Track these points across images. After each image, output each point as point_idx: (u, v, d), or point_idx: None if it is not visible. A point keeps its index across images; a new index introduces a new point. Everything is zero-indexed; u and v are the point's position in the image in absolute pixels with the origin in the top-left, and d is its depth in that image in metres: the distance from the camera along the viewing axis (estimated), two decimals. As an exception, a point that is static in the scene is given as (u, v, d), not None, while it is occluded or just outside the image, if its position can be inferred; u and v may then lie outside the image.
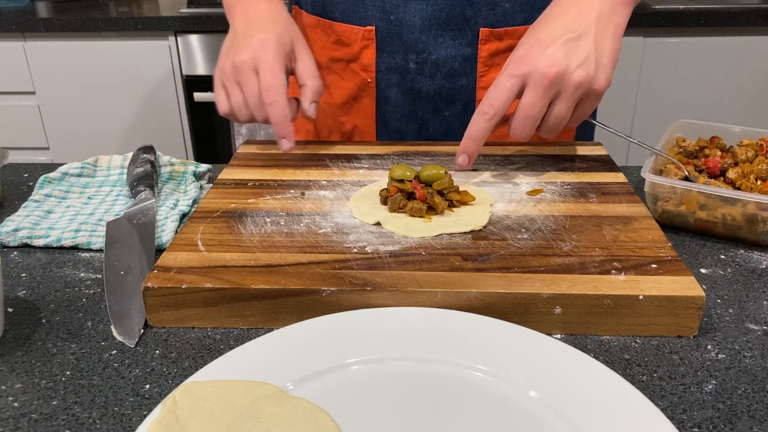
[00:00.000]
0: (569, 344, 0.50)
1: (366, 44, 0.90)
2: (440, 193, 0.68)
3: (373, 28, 0.89)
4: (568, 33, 0.68)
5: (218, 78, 0.80)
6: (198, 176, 0.83)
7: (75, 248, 0.68)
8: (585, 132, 1.01)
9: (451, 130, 0.95)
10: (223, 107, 0.79)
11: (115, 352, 0.53)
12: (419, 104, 0.94)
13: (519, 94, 0.70)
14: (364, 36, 0.90)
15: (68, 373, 0.51)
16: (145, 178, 0.76)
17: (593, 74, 0.68)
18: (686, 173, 0.72)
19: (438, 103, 0.93)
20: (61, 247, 0.68)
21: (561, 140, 0.93)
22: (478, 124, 0.70)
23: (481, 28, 0.88)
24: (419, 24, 0.87)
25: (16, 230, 0.69)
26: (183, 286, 0.55)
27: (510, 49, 0.89)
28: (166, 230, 0.69)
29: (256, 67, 0.76)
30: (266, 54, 0.76)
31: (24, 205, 0.75)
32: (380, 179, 0.76)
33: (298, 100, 0.81)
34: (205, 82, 2.12)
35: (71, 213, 0.74)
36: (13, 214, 0.73)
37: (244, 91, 0.77)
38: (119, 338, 0.54)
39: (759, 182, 0.69)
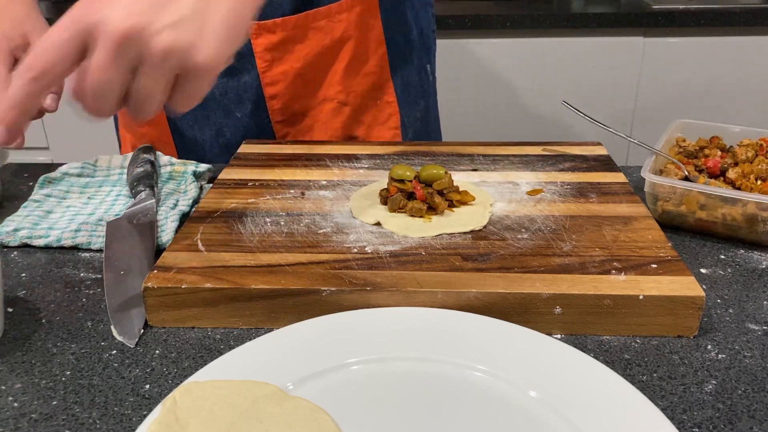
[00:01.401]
0: (569, 344, 0.50)
1: None
2: (440, 193, 0.68)
3: None
4: None
5: None
6: (198, 176, 0.83)
7: (75, 248, 0.68)
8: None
9: (248, 131, 0.92)
10: None
11: (115, 352, 0.53)
12: (209, 108, 0.91)
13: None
14: None
15: (68, 373, 0.50)
16: (145, 178, 0.76)
17: (191, 41, 0.48)
18: (686, 173, 0.72)
19: (227, 105, 0.90)
20: (61, 247, 0.68)
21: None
22: (16, 85, 0.49)
23: None
24: None
25: (16, 230, 0.69)
26: (183, 286, 0.55)
27: (286, 41, 0.86)
28: (166, 230, 0.69)
29: None
30: None
31: (24, 205, 0.75)
32: (380, 179, 0.76)
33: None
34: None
35: (71, 213, 0.74)
36: (13, 214, 0.73)
37: None
38: (119, 338, 0.54)
39: (759, 182, 0.69)
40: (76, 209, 0.75)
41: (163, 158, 0.84)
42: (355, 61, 0.92)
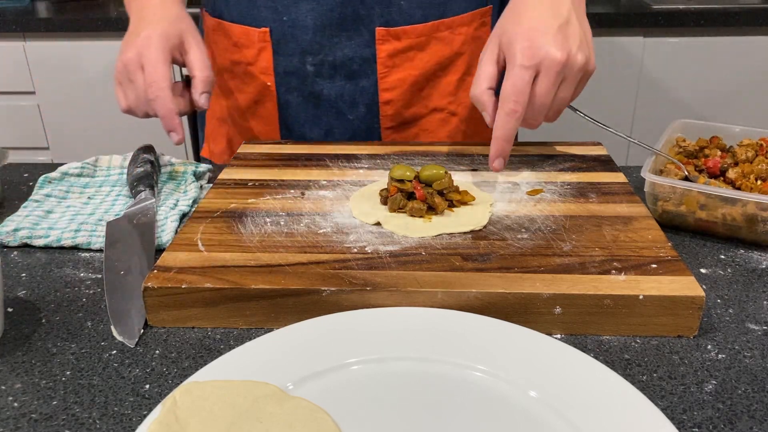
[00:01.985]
0: (569, 344, 0.50)
1: (262, 47, 0.89)
2: (440, 193, 0.68)
3: (267, 29, 0.88)
4: (556, 19, 0.68)
5: (116, 77, 0.80)
6: (198, 176, 0.83)
7: (75, 248, 0.68)
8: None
9: (357, 134, 0.94)
10: (121, 105, 0.80)
11: (115, 352, 0.53)
12: (321, 108, 0.92)
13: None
14: (259, 38, 0.89)
15: (68, 373, 0.51)
16: (145, 178, 0.76)
17: (588, 55, 0.69)
18: (686, 173, 0.72)
19: (340, 107, 0.92)
20: (61, 247, 0.68)
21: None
22: (511, 125, 0.68)
23: (377, 28, 0.86)
24: (312, 24, 0.86)
25: (16, 230, 0.69)
26: (183, 286, 0.55)
27: (409, 49, 0.88)
28: (166, 230, 0.69)
29: (141, 63, 0.76)
30: (148, 50, 0.76)
31: (24, 205, 0.75)
32: (380, 179, 0.76)
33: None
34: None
35: (71, 213, 0.74)
36: (13, 214, 0.73)
37: (135, 88, 0.77)
38: (119, 338, 0.54)
39: (759, 182, 0.69)
40: (76, 209, 0.75)
41: (163, 158, 0.84)
42: (466, 74, 0.94)
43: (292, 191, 0.73)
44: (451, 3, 0.88)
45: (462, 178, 0.75)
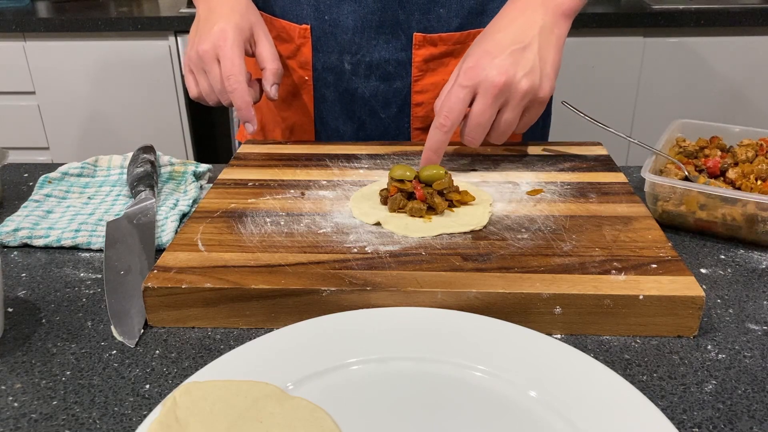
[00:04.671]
0: (569, 344, 0.50)
1: (303, 42, 0.91)
2: (440, 193, 0.68)
3: (308, 27, 0.90)
4: (514, 44, 0.71)
5: (186, 65, 0.84)
6: (198, 176, 0.83)
7: (75, 248, 0.68)
8: (533, 133, 1.01)
9: (387, 131, 0.96)
10: (192, 92, 0.84)
11: (115, 352, 0.53)
12: (356, 105, 0.94)
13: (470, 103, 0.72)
14: (300, 34, 0.91)
15: (68, 373, 0.51)
16: (145, 178, 0.76)
17: (538, 83, 0.71)
18: (686, 173, 0.72)
19: (374, 105, 0.94)
20: (61, 247, 0.68)
21: (509, 142, 0.92)
22: (438, 137, 0.72)
23: (414, 33, 0.88)
24: (352, 25, 0.88)
25: (16, 230, 0.69)
26: (183, 286, 0.55)
27: (444, 55, 0.90)
28: (166, 230, 0.69)
29: (217, 55, 0.79)
30: (225, 43, 0.79)
31: (24, 205, 0.75)
32: (380, 179, 0.76)
33: (261, 82, 0.84)
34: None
35: (71, 213, 0.74)
36: (13, 214, 0.73)
37: (208, 78, 0.81)
38: (119, 338, 0.54)
39: (759, 182, 0.69)
40: (76, 209, 0.75)
41: (163, 158, 0.84)
42: None
43: (292, 191, 0.73)
44: (487, 13, 0.89)
45: (462, 178, 0.75)
